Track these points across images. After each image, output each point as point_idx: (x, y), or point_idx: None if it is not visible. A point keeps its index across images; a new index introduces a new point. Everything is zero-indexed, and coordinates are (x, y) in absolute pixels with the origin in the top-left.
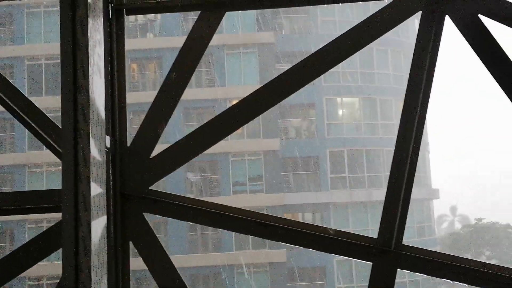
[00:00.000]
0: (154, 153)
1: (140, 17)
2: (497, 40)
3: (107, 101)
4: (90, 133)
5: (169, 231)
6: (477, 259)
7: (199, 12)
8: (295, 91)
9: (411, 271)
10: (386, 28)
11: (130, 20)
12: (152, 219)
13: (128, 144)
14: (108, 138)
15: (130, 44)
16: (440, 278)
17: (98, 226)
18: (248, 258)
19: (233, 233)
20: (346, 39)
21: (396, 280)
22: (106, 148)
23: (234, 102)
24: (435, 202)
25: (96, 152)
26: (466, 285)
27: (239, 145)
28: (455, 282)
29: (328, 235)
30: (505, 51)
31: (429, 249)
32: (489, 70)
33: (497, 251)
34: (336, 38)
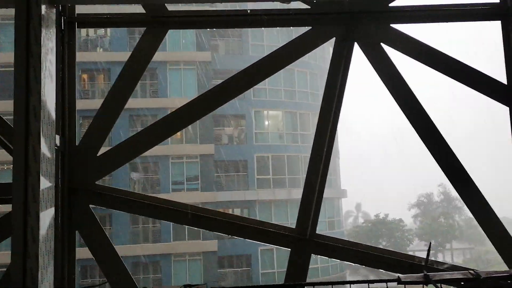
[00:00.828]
0: (101, 152)
1: (91, 32)
2: (395, 65)
3: (57, 104)
4: (41, 132)
5: (113, 224)
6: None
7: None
8: (226, 102)
9: (322, 255)
10: (305, 51)
11: (82, 35)
12: (98, 212)
13: (77, 144)
14: (58, 137)
15: (81, 56)
16: (347, 261)
17: (46, 216)
18: (184, 248)
19: (171, 225)
20: (271, 59)
21: (310, 267)
22: (56, 146)
23: None
24: (343, 201)
25: (46, 149)
26: (368, 268)
27: (178, 149)
28: (357, 265)
29: (254, 225)
30: (402, 75)
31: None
32: (389, 91)
33: (391, 241)
34: (262, 58)
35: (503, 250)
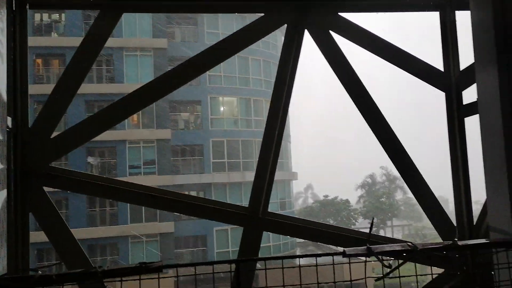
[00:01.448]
0: (54, 135)
1: (46, 17)
2: (343, 52)
3: (9, 85)
4: None
5: (70, 208)
6: None
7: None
8: (180, 86)
9: (274, 232)
10: (258, 37)
11: (36, 20)
12: (54, 196)
13: (30, 126)
14: (10, 119)
15: (36, 41)
16: (296, 237)
17: None
18: (141, 230)
19: (128, 208)
20: (225, 45)
21: (263, 245)
22: (8, 128)
23: None
24: (294, 183)
25: None
26: (316, 246)
27: (135, 134)
28: (307, 242)
29: (209, 205)
30: (349, 62)
31: None
32: (338, 77)
33: (338, 220)
34: (216, 43)
35: (438, 225)
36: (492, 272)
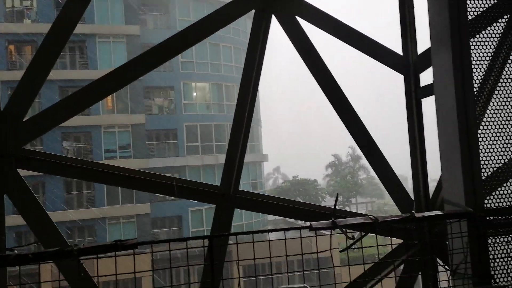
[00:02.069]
0: (28, 117)
1: (17, 3)
2: (308, 37)
3: None
4: None
5: (46, 192)
6: None
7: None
8: (152, 69)
9: (245, 209)
10: (227, 21)
11: (7, 6)
12: (31, 181)
13: (2, 109)
14: None
15: (8, 27)
16: (266, 214)
17: None
18: (118, 212)
19: (105, 191)
20: (195, 29)
21: (235, 224)
22: None
23: None
24: (264, 164)
25: None
26: (287, 224)
27: (110, 119)
28: (278, 220)
29: (184, 184)
30: (314, 46)
31: None
32: (304, 62)
33: (306, 199)
34: (187, 27)
35: (397, 200)
36: (447, 242)
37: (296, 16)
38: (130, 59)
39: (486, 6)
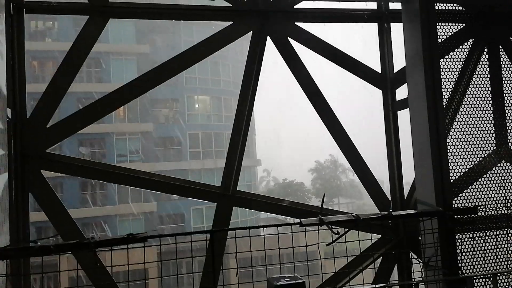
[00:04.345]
0: (50, 124)
1: (40, 24)
2: (299, 56)
3: (8, 80)
4: None
5: (64, 191)
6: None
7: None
8: (159, 84)
9: (242, 207)
10: (226, 42)
11: (32, 27)
12: (50, 182)
13: (28, 116)
14: (9, 110)
15: (32, 45)
16: (261, 211)
17: (1, 180)
18: (128, 209)
19: (116, 191)
20: (198, 49)
21: (232, 221)
22: (8, 118)
23: None
24: (258, 168)
25: None
26: (278, 221)
27: (121, 127)
28: (271, 218)
29: (187, 185)
30: (304, 64)
31: None
32: (294, 76)
33: (295, 199)
34: (191, 47)
35: (376, 200)
36: (419, 237)
37: (289, 38)
38: (141, 75)
39: (454, 30)
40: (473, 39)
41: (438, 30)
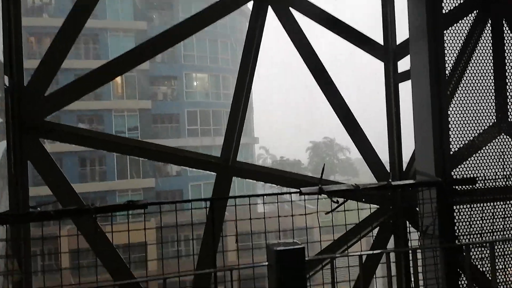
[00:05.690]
0: (48, 93)
1: (37, 0)
2: (301, 27)
3: (5, 49)
4: None
5: (63, 167)
6: None
7: None
8: (157, 54)
9: (242, 177)
10: (226, 12)
11: (28, 2)
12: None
13: (25, 85)
14: (6, 78)
15: (29, 21)
16: (261, 181)
17: None
18: (127, 185)
19: (115, 166)
20: (196, 19)
21: (230, 194)
22: (5, 85)
23: None
24: (256, 146)
25: None
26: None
27: (120, 104)
28: (266, 190)
29: (188, 155)
30: (305, 35)
31: None
32: (295, 47)
33: None
34: (189, 17)
35: (375, 171)
36: (417, 208)
37: (290, 8)
38: (138, 44)
39: (459, 2)
40: (477, 11)
41: (442, 1)
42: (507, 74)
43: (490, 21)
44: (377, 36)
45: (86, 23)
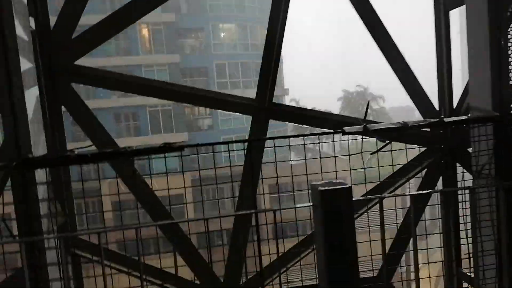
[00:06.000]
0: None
1: None
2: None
3: None
4: (13, 10)
5: None
6: None
7: None
8: None
9: (279, 120)
10: None
11: None
12: None
13: (51, 28)
14: (32, 19)
15: None
16: (299, 124)
17: (31, 94)
18: (160, 140)
19: (149, 122)
20: None
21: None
22: (31, 28)
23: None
24: (286, 97)
25: (21, 30)
26: None
27: (149, 59)
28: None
29: (223, 98)
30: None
31: None
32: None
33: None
34: None
35: (422, 109)
36: (469, 149)
37: None
38: None
39: None
40: None
41: None
42: None
43: None
44: None
45: None
